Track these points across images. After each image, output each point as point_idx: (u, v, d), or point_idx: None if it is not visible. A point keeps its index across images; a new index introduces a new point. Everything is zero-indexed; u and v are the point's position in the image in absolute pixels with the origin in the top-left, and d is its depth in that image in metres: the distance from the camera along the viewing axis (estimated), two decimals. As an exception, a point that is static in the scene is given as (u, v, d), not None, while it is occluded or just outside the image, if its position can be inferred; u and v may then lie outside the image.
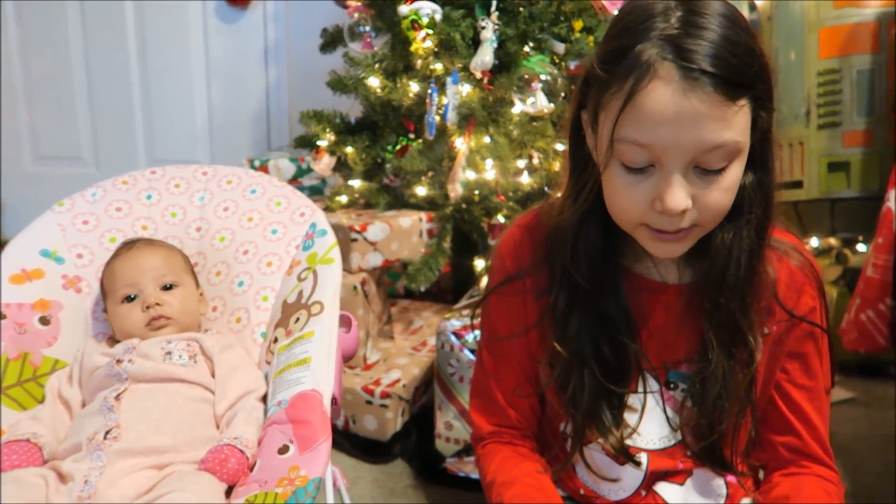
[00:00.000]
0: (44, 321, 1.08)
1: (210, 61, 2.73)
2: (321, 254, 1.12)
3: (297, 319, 1.05)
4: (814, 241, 2.14)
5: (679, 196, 0.66)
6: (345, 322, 1.07)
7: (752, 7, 2.07)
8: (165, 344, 1.03)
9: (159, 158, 2.71)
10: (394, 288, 1.98)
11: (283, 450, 0.88)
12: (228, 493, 0.88)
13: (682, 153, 0.66)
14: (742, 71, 0.64)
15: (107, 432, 0.91)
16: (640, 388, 0.82)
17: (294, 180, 2.16)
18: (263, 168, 2.14)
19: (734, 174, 0.68)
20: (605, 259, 0.79)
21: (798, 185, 1.96)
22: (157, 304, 1.05)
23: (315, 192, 2.10)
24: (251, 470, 0.90)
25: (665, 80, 0.64)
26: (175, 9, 2.69)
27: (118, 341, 1.07)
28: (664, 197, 0.67)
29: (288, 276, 1.14)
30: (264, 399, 1.01)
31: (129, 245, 1.12)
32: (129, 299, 1.05)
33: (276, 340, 1.06)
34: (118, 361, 0.99)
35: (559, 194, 0.84)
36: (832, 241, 2.12)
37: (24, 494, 0.83)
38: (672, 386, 0.82)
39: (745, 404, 0.79)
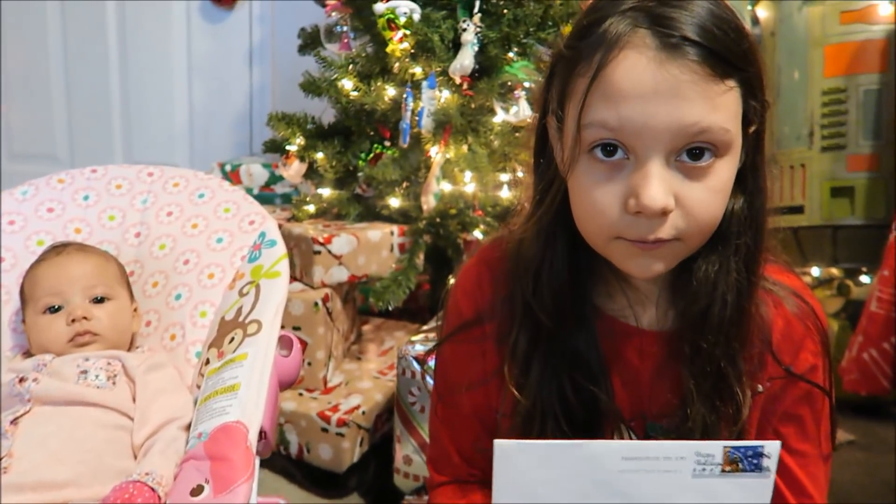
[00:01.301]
0: (-50, 332, 0.98)
1: (192, 61, 2.65)
2: (267, 266, 1.03)
3: (232, 339, 0.95)
4: (815, 271, 2.04)
5: (657, 189, 0.56)
6: (285, 344, 0.97)
7: (755, 21, 1.98)
8: (82, 361, 0.93)
9: (136, 159, 2.64)
10: (366, 304, 1.88)
11: (197, 490, 0.78)
12: (134, 538, 0.78)
13: (660, 135, 0.56)
14: (730, 48, 0.56)
15: (-6, 462, 0.80)
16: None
17: (266, 187, 2.07)
18: (235, 173, 2.05)
19: (723, 176, 0.59)
20: (573, 293, 0.69)
21: (799, 210, 1.86)
22: (85, 317, 0.95)
23: (287, 201, 2.00)
24: (160, 510, 0.80)
25: (638, 49, 0.56)
26: (158, 6, 2.62)
27: (32, 356, 0.97)
28: (640, 192, 0.56)
29: (230, 289, 1.05)
30: (189, 428, 0.91)
31: (57, 249, 1.02)
32: (53, 310, 0.96)
33: (207, 362, 0.96)
34: (21, 380, 0.89)
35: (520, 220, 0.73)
36: (834, 271, 2.02)
37: None
38: (652, 439, 0.72)
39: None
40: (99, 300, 0.98)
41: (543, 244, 0.68)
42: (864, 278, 1.89)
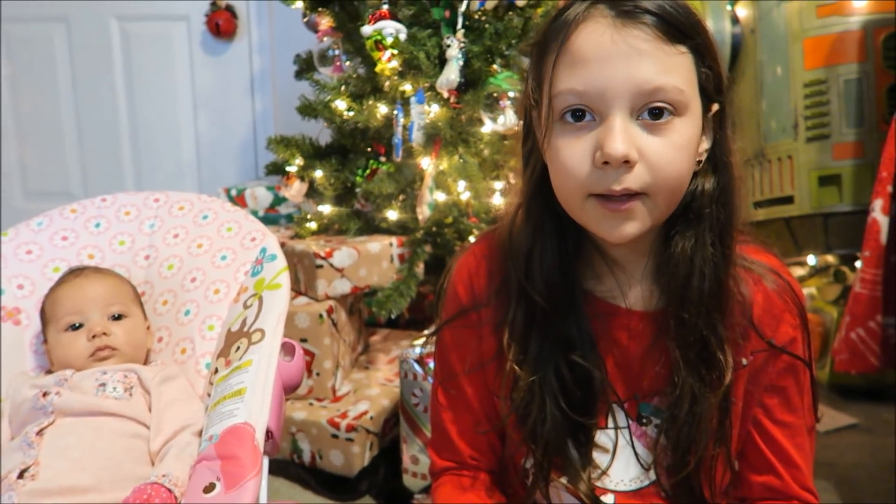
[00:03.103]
0: (-24, 355, 1.04)
1: (196, 93, 2.74)
2: (268, 279, 1.08)
3: (238, 348, 1.00)
4: (810, 259, 2.07)
5: (619, 139, 0.62)
6: (288, 350, 1.02)
7: (735, 21, 2.03)
8: (100, 375, 0.98)
9: (147, 190, 2.70)
10: (373, 317, 1.93)
11: (209, 488, 0.83)
12: (154, 535, 0.83)
13: (620, 93, 0.62)
14: (680, 19, 0.63)
15: (23, 471, 0.86)
16: (610, 424, 0.75)
17: (271, 208, 2.14)
18: (240, 197, 2.11)
19: (683, 132, 0.64)
20: (563, 278, 0.73)
21: (789, 200, 1.90)
22: (105, 333, 1.01)
23: (291, 220, 2.07)
24: (176, 510, 0.85)
25: (597, 20, 0.63)
26: (161, 42, 2.70)
27: (53, 373, 1.03)
28: (604, 143, 0.62)
29: (235, 303, 1.10)
30: (202, 434, 0.96)
31: (76, 272, 1.08)
32: (74, 328, 1.01)
33: (216, 371, 1.01)
34: (44, 394, 0.95)
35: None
36: (829, 258, 2.04)
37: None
38: (644, 421, 0.75)
39: (719, 434, 0.72)
40: (116, 317, 1.03)
41: (533, 230, 0.73)
42: (860, 264, 1.92)
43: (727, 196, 0.70)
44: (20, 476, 0.85)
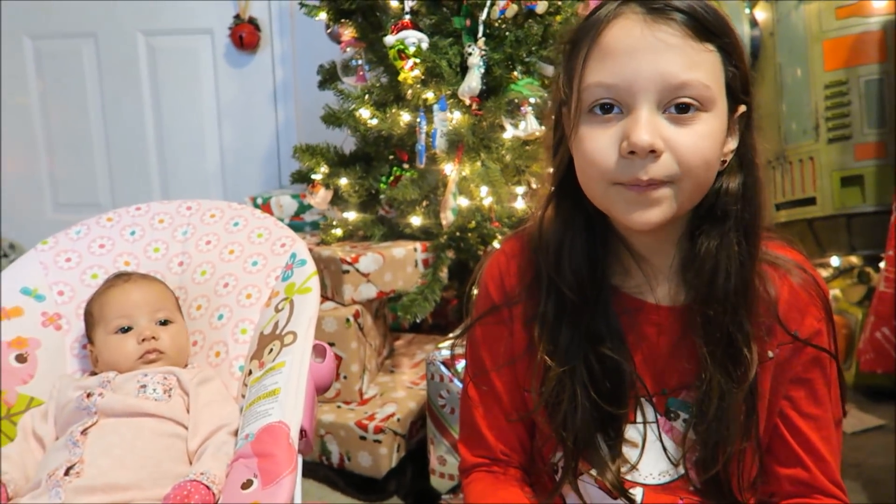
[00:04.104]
0: (20, 359, 1.08)
1: (221, 105, 2.79)
2: (299, 284, 1.11)
3: (271, 350, 1.03)
4: (834, 261, 2.05)
5: (646, 129, 0.64)
6: (319, 352, 1.04)
7: (754, 24, 2.03)
8: (141, 377, 1.02)
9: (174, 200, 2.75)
10: (397, 322, 1.95)
11: (247, 484, 0.85)
12: (194, 531, 0.86)
13: (647, 86, 0.64)
14: (708, 19, 0.65)
15: (69, 468, 0.90)
16: (639, 419, 0.76)
17: (296, 216, 2.17)
18: (266, 205, 2.15)
19: (709, 126, 0.66)
20: (592, 273, 0.75)
21: (811, 201, 1.89)
22: (153, 337, 1.05)
23: (316, 228, 2.10)
24: (215, 507, 0.88)
25: (629, 16, 0.65)
26: (186, 56, 2.76)
27: (96, 374, 1.07)
28: (630, 133, 0.64)
29: (266, 307, 1.13)
30: (237, 433, 0.99)
31: (124, 277, 1.12)
32: (123, 330, 1.05)
33: (250, 373, 1.04)
34: (88, 395, 0.98)
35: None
36: (853, 259, 2.03)
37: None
38: (672, 415, 0.77)
39: (748, 427, 0.73)
40: (163, 323, 1.07)
41: (562, 225, 0.75)
42: (884, 264, 1.90)
43: (752, 195, 0.71)
44: (66, 473, 0.89)
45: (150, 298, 1.08)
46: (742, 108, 0.70)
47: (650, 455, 0.76)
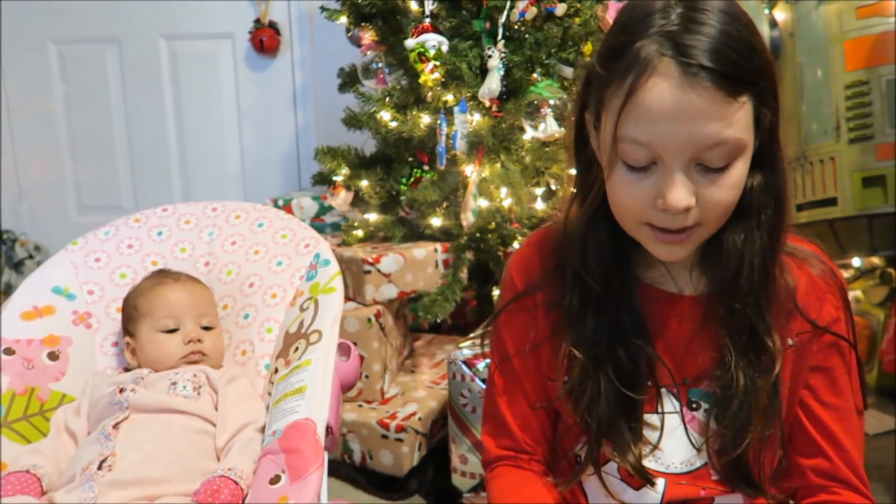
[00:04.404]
0: (52, 356, 1.10)
1: (241, 109, 2.82)
2: (323, 283, 1.12)
3: (297, 349, 1.05)
4: (856, 262, 2.04)
5: (681, 193, 0.65)
6: (344, 350, 1.06)
7: (773, 24, 2.03)
8: (173, 375, 1.04)
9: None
10: (417, 322, 1.97)
11: (275, 480, 0.87)
12: (222, 525, 0.87)
13: (683, 150, 0.64)
14: (743, 67, 0.64)
15: (102, 462, 0.92)
16: (661, 409, 0.77)
17: (317, 218, 2.19)
18: (287, 207, 2.17)
19: (738, 172, 0.67)
20: (616, 265, 0.77)
21: (832, 202, 1.88)
22: (199, 340, 1.08)
23: (336, 229, 2.12)
24: (243, 502, 0.89)
25: (664, 77, 0.63)
26: (207, 60, 2.80)
27: (129, 370, 1.09)
28: (666, 194, 0.66)
29: (291, 306, 1.14)
30: (264, 430, 1.00)
31: (173, 276, 1.14)
32: (170, 331, 1.07)
33: (276, 371, 1.06)
34: (121, 390, 1.00)
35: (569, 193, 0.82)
36: (875, 260, 2.02)
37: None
38: (694, 406, 0.78)
39: (770, 416, 0.74)
40: (206, 327, 1.10)
41: (588, 221, 0.77)
42: (906, 265, 1.90)
43: (776, 192, 0.72)
44: (99, 467, 0.91)
45: (197, 302, 1.11)
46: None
47: (672, 445, 0.77)
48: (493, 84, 1.55)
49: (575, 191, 0.80)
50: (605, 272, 0.77)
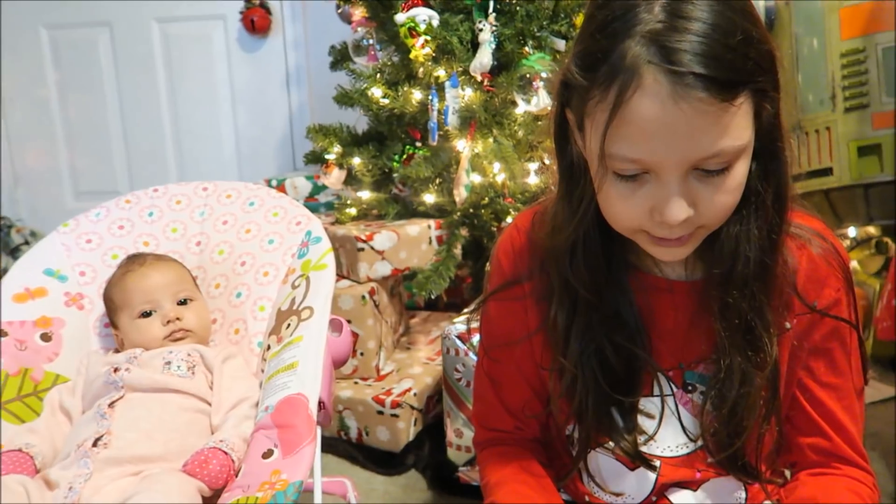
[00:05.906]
0: (45, 337, 1.11)
1: (235, 90, 2.81)
2: (314, 260, 1.12)
3: (288, 325, 1.05)
4: (851, 231, 2.03)
5: (677, 208, 0.61)
6: (336, 326, 1.06)
7: (769, -7, 2.00)
8: (167, 354, 1.04)
9: (191, 185, 2.79)
10: (412, 300, 1.97)
11: (268, 454, 0.88)
12: (217, 498, 0.88)
13: (677, 164, 0.60)
14: (739, 66, 0.58)
15: (97, 439, 0.92)
16: (656, 391, 0.76)
17: (310, 197, 2.19)
18: (280, 187, 2.17)
19: (739, 172, 0.62)
20: (608, 257, 0.74)
21: (828, 172, 1.87)
22: (178, 318, 1.07)
23: (330, 208, 2.12)
24: (237, 475, 0.90)
25: (652, 89, 0.57)
26: (200, 42, 2.78)
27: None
28: (662, 210, 0.62)
29: (283, 284, 1.14)
30: (258, 406, 1.01)
31: (139, 260, 1.13)
32: (147, 314, 1.08)
33: (268, 348, 1.06)
34: (115, 370, 1.01)
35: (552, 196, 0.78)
36: (871, 229, 2.01)
37: (4, 499, 0.84)
38: (690, 388, 0.76)
39: (769, 409, 0.73)
40: (183, 302, 1.09)
41: (576, 229, 0.72)
42: (902, 234, 1.89)
43: (777, 180, 0.68)
44: (94, 444, 0.91)
45: (169, 279, 1.10)
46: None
47: (667, 428, 0.77)
48: (484, 58, 1.54)
49: (561, 199, 0.74)
50: (595, 271, 0.73)
